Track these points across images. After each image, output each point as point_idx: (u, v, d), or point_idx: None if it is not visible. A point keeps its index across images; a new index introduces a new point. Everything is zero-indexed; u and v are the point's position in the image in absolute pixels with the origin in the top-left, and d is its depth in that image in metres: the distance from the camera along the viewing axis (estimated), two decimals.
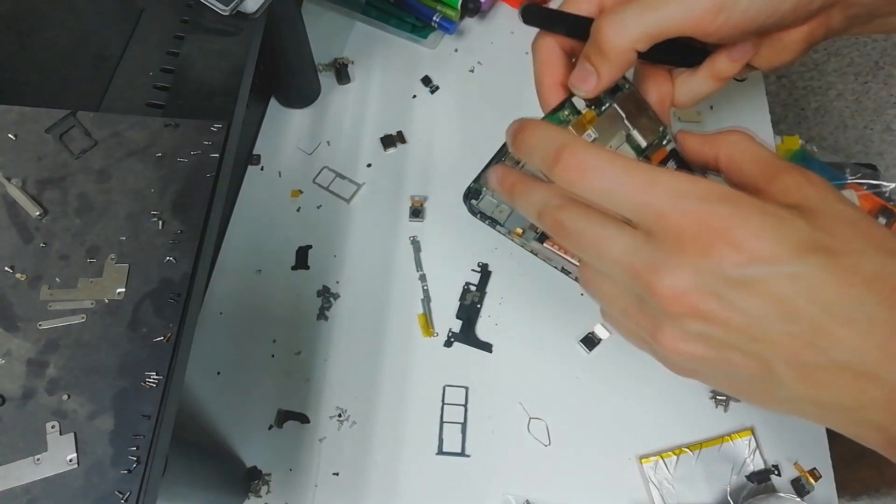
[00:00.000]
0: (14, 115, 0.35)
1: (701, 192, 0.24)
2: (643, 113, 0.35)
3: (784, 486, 0.45)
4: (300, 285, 0.52)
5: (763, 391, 0.27)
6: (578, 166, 0.26)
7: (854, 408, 0.25)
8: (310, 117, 0.59)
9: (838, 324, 0.23)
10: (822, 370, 0.24)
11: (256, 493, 0.45)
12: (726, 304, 0.24)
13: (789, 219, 0.24)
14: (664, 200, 0.24)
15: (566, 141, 0.27)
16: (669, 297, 0.24)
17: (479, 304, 0.51)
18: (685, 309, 0.24)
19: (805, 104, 1.25)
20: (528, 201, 0.30)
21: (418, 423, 0.48)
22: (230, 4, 0.40)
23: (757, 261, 0.23)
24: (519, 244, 0.54)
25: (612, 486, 0.46)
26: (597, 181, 0.26)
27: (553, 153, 0.27)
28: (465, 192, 0.56)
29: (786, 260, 0.23)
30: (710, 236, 0.23)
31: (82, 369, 0.29)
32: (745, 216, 0.23)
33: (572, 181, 0.27)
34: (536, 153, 0.29)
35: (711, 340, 0.25)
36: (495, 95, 0.60)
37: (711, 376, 0.28)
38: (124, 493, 0.27)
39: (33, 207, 0.32)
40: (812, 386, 0.25)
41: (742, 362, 0.25)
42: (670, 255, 0.24)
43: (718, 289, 0.24)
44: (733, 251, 0.23)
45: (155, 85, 0.39)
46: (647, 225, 0.25)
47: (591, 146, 0.27)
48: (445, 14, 0.61)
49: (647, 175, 0.25)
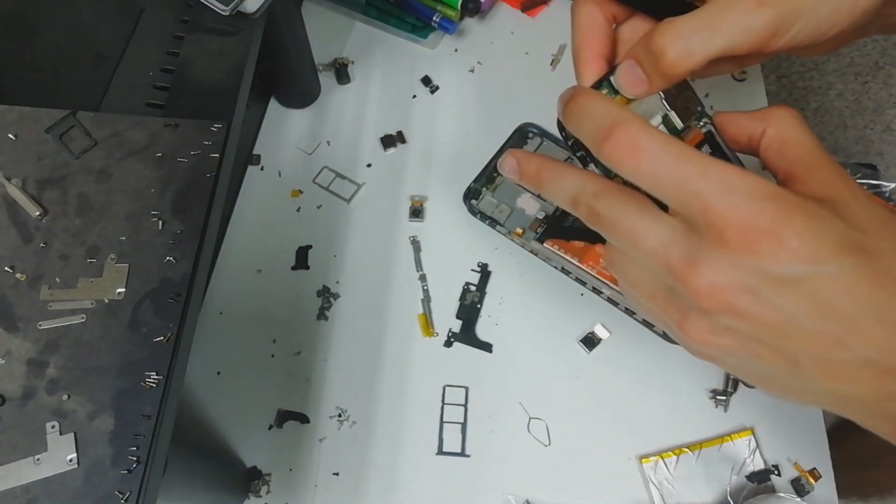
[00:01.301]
0: (14, 115, 0.35)
1: (750, 188, 0.24)
2: (682, 93, 0.33)
3: (784, 486, 0.45)
4: (300, 285, 0.52)
5: (784, 383, 0.27)
6: (630, 146, 0.25)
7: (873, 401, 0.25)
8: (310, 117, 0.59)
9: (869, 323, 0.23)
10: (847, 366, 0.24)
11: (256, 493, 0.45)
12: (762, 301, 0.24)
13: (829, 219, 0.24)
14: (713, 193, 0.24)
15: (621, 117, 0.26)
16: (705, 291, 0.24)
17: (479, 304, 0.51)
18: (719, 305, 0.24)
19: (805, 104, 1.25)
20: (559, 188, 0.29)
21: (418, 423, 0.48)
22: (230, 4, 0.40)
23: (798, 260, 0.23)
24: (519, 244, 0.54)
25: (612, 486, 0.46)
26: (647, 164, 0.25)
27: (606, 128, 0.26)
28: (465, 192, 0.56)
29: (825, 260, 0.23)
30: (755, 233, 0.23)
31: (82, 369, 0.29)
32: (790, 215, 0.23)
33: (622, 161, 0.26)
34: (588, 125, 0.27)
35: (741, 335, 0.25)
36: (495, 95, 0.60)
37: (733, 366, 0.28)
38: (124, 493, 0.27)
39: (33, 207, 0.32)
40: (835, 381, 0.25)
41: (769, 356, 0.25)
42: (710, 248, 0.24)
43: (756, 285, 0.24)
44: (777, 249, 0.23)
45: (155, 85, 0.39)
46: (690, 215, 0.25)
47: (646, 126, 0.26)
48: (445, 14, 0.61)
49: (699, 164, 0.24)
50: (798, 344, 0.24)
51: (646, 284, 0.28)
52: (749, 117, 0.30)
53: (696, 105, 0.34)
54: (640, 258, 0.27)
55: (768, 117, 0.29)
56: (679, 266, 0.25)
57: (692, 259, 0.24)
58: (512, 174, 0.32)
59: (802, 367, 0.25)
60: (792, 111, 0.28)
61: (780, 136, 0.28)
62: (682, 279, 0.25)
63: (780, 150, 0.28)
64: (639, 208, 0.26)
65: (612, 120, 0.26)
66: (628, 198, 0.27)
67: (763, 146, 0.29)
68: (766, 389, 0.29)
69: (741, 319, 0.24)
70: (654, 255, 0.26)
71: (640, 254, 0.27)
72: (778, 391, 0.28)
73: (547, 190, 0.30)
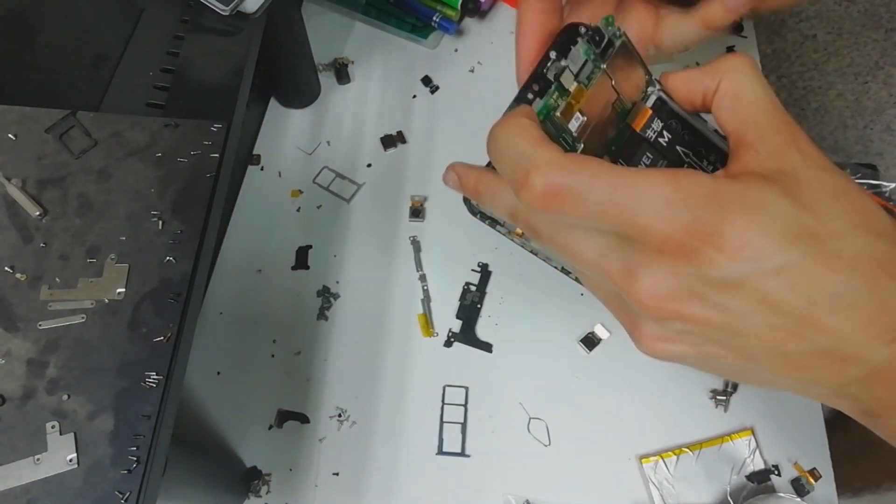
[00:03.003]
0: (14, 115, 0.35)
1: (685, 197, 0.23)
2: (630, 66, 0.31)
3: (784, 486, 0.45)
4: (300, 285, 0.52)
5: (745, 376, 0.27)
6: (548, 193, 0.23)
7: (835, 385, 0.25)
8: (310, 117, 0.59)
9: (822, 313, 0.23)
10: (804, 357, 0.24)
11: (256, 493, 0.45)
12: (709, 304, 0.23)
13: (774, 206, 0.23)
14: (649, 216, 0.23)
15: (534, 160, 0.24)
16: (648, 301, 0.24)
17: (479, 304, 0.51)
18: (665, 312, 0.24)
19: (805, 104, 1.25)
20: (496, 202, 0.28)
21: (418, 423, 0.48)
22: (230, 4, 0.40)
23: (741, 261, 0.22)
24: (519, 244, 0.54)
25: (612, 486, 0.46)
26: (572, 209, 0.24)
27: (520, 173, 0.24)
28: None
29: (770, 255, 0.22)
30: (695, 242, 0.23)
31: (82, 369, 0.29)
32: (729, 216, 0.23)
33: (542, 209, 0.24)
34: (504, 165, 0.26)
35: (693, 337, 0.25)
36: (495, 95, 0.60)
37: (692, 364, 0.27)
38: (124, 493, 0.27)
39: (33, 207, 0.32)
40: (794, 370, 0.25)
41: (725, 355, 0.25)
42: (648, 259, 0.23)
43: (700, 291, 0.23)
44: (718, 253, 0.22)
45: (155, 85, 0.39)
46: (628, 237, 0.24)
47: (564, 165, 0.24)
48: (445, 14, 0.61)
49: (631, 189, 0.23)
50: (752, 341, 0.24)
51: (601, 290, 0.28)
52: (701, 72, 0.28)
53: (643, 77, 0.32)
54: (585, 270, 0.26)
55: (721, 69, 0.27)
56: (619, 277, 0.24)
57: (631, 270, 0.24)
58: (455, 187, 0.31)
59: (760, 361, 0.25)
60: (747, 59, 0.27)
61: (734, 90, 0.27)
62: (623, 289, 0.24)
63: (733, 109, 0.26)
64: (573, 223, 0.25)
65: (525, 163, 0.24)
66: None
67: (715, 103, 0.27)
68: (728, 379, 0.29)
69: (690, 324, 0.24)
70: (595, 266, 0.25)
71: (582, 266, 0.26)
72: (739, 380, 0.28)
73: (486, 203, 0.29)
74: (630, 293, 0.24)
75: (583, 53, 0.30)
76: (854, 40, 1.38)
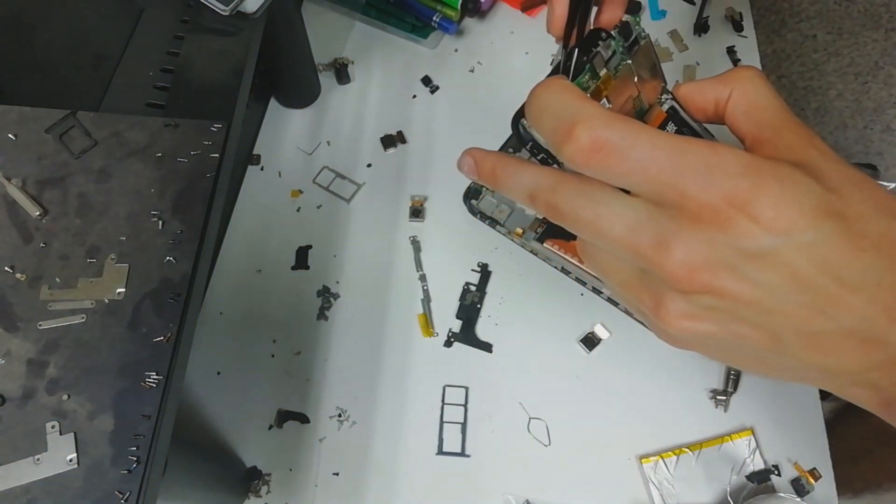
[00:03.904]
0: (14, 115, 0.35)
1: (724, 165, 0.23)
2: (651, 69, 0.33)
3: (784, 486, 0.45)
4: (300, 285, 0.52)
5: (766, 361, 0.26)
6: (594, 147, 0.23)
7: (856, 371, 0.24)
8: (310, 117, 0.59)
9: (849, 291, 0.23)
10: (830, 337, 0.24)
11: (256, 493, 0.45)
12: (741, 277, 0.23)
13: (804, 182, 0.23)
14: (690, 179, 0.23)
15: (582, 112, 0.24)
16: (681, 272, 0.23)
17: (479, 304, 0.51)
18: (697, 285, 0.23)
19: (805, 104, 1.24)
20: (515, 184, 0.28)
21: (418, 423, 0.47)
22: (230, 4, 0.40)
23: (774, 232, 0.22)
24: (519, 244, 0.54)
25: (612, 486, 0.46)
26: (616, 165, 0.23)
27: (565, 126, 0.24)
28: (465, 192, 0.56)
29: (802, 228, 0.22)
30: (730, 210, 0.22)
31: (82, 369, 0.29)
32: (763, 186, 0.22)
33: (587, 164, 0.24)
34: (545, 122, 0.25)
35: (721, 315, 0.24)
36: (495, 95, 0.60)
37: (713, 349, 0.27)
38: (124, 493, 0.27)
39: (33, 207, 0.32)
40: (818, 353, 0.24)
41: (750, 334, 0.25)
42: (683, 228, 0.23)
43: (734, 262, 0.23)
44: (752, 223, 0.22)
45: (155, 85, 0.39)
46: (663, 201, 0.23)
47: (611, 119, 0.24)
48: (445, 14, 0.61)
49: (673, 152, 0.23)
50: (780, 318, 0.24)
51: (618, 272, 0.27)
52: (713, 83, 0.28)
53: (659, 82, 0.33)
54: (608, 246, 0.26)
55: (732, 80, 0.28)
56: (650, 249, 0.24)
57: (663, 241, 0.23)
58: (470, 173, 0.31)
59: (785, 342, 0.24)
60: (756, 71, 0.27)
61: (746, 98, 0.27)
62: (655, 262, 0.24)
63: (748, 113, 0.27)
64: (599, 195, 0.25)
65: (570, 116, 0.24)
66: (586, 186, 0.25)
67: (729, 111, 0.28)
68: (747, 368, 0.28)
69: (721, 298, 0.23)
70: (622, 241, 0.24)
71: (607, 242, 0.25)
72: (760, 369, 0.27)
73: (503, 187, 0.29)
74: (662, 264, 0.24)
75: (613, 43, 0.31)
76: (854, 40, 1.38)
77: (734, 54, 0.63)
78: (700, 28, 0.64)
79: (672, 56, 0.63)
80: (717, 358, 0.28)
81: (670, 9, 0.66)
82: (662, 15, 0.66)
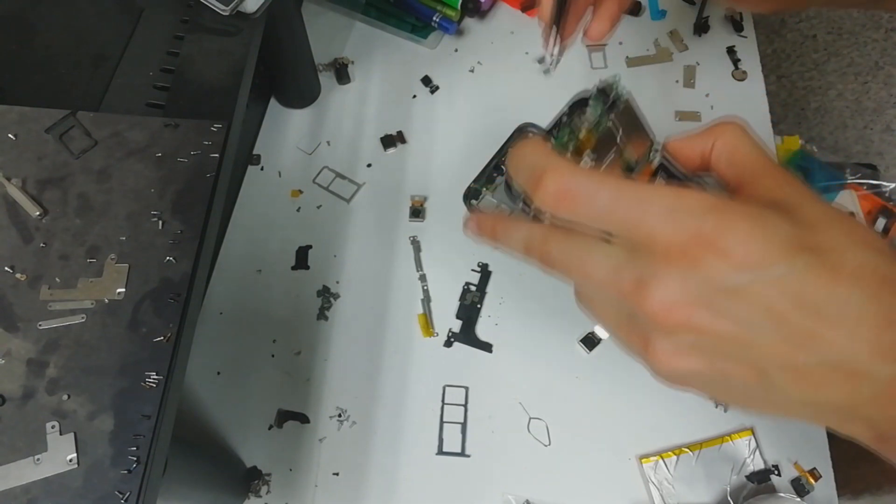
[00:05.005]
0: (14, 115, 0.35)
1: (689, 206, 0.24)
2: (635, 128, 0.35)
3: (784, 486, 0.45)
4: (300, 285, 0.52)
5: (758, 397, 0.27)
6: (560, 192, 0.26)
7: (847, 406, 0.25)
8: (310, 117, 0.59)
9: (827, 325, 0.23)
10: (815, 371, 0.24)
11: (256, 493, 0.45)
12: (717, 313, 0.24)
13: (774, 219, 0.24)
14: (655, 219, 0.24)
15: (549, 164, 0.27)
16: (660, 310, 0.24)
17: (479, 304, 0.51)
18: (676, 321, 0.24)
19: (805, 104, 1.24)
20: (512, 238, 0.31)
21: (418, 423, 0.47)
22: (230, 4, 0.40)
23: (745, 267, 0.23)
24: None
25: (612, 486, 0.46)
26: (582, 208, 0.26)
27: (535, 177, 0.27)
28: (465, 192, 0.56)
29: (773, 262, 0.23)
30: (699, 248, 0.23)
31: (82, 369, 0.29)
32: (732, 223, 0.23)
33: (556, 208, 0.26)
34: (521, 174, 0.28)
35: (705, 351, 0.25)
36: (495, 95, 0.60)
37: (706, 386, 0.28)
38: (124, 493, 0.27)
39: (33, 207, 0.32)
40: (806, 387, 0.25)
41: (737, 371, 0.25)
42: (658, 268, 0.24)
43: (709, 298, 0.24)
44: (721, 260, 0.23)
45: (155, 85, 0.39)
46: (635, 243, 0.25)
47: (575, 170, 0.26)
48: (445, 14, 0.61)
49: (636, 194, 0.25)
50: (762, 353, 0.24)
51: (610, 316, 0.29)
52: (698, 137, 0.31)
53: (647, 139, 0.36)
54: (596, 291, 0.28)
55: (715, 132, 0.30)
56: (631, 291, 0.25)
57: (641, 281, 0.24)
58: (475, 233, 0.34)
59: (771, 377, 0.25)
60: (737, 123, 0.29)
61: (728, 148, 0.29)
62: (636, 303, 0.25)
63: (730, 162, 0.29)
64: (582, 242, 0.27)
65: (540, 167, 0.27)
66: (572, 235, 0.27)
67: (713, 161, 0.30)
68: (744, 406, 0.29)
69: (702, 335, 0.24)
70: (607, 284, 0.26)
71: (594, 286, 0.27)
72: (755, 406, 0.28)
73: (502, 242, 0.32)
74: (642, 304, 0.25)
75: (592, 101, 0.34)
76: (854, 40, 1.38)
77: (734, 54, 0.63)
78: (700, 28, 0.64)
79: (672, 56, 0.63)
80: (714, 396, 0.29)
81: (670, 9, 0.66)
82: (662, 15, 0.66)
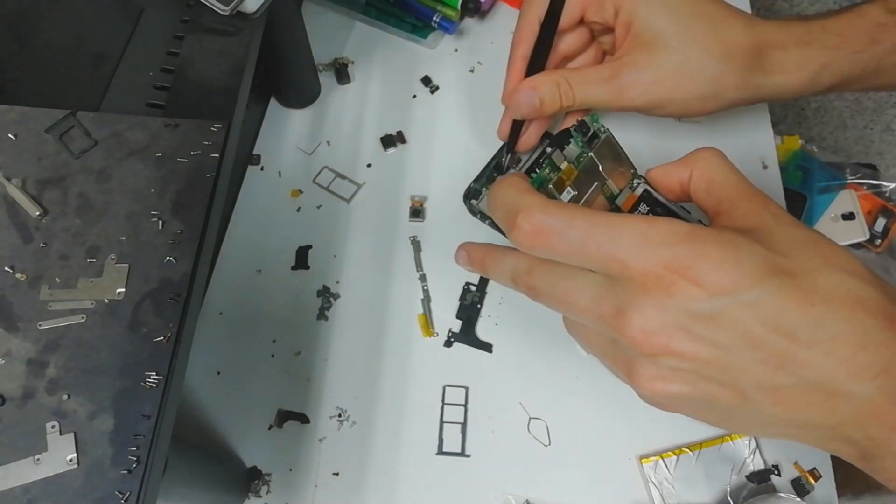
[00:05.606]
0: (14, 115, 0.35)
1: (661, 235, 0.24)
2: (616, 159, 0.36)
3: (784, 486, 0.45)
4: (300, 285, 0.52)
5: (743, 419, 0.27)
6: (533, 231, 0.27)
7: (828, 426, 0.25)
8: (310, 117, 0.59)
9: (802, 346, 0.23)
10: (794, 391, 0.24)
11: (256, 493, 0.45)
12: (695, 337, 0.24)
13: (747, 245, 0.24)
14: (627, 251, 0.25)
15: (521, 203, 0.27)
16: (639, 337, 0.25)
17: (479, 304, 0.51)
18: (656, 347, 0.25)
19: (805, 104, 1.24)
20: (500, 269, 0.31)
21: (418, 423, 0.47)
22: (230, 4, 0.40)
23: (718, 292, 0.23)
24: None
25: (612, 486, 0.46)
26: (556, 244, 0.26)
27: (511, 217, 0.27)
28: (465, 192, 0.56)
29: (746, 287, 0.23)
30: (673, 276, 0.24)
31: (82, 369, 0.29)
32: (704, 252, 0.24)
33: (532, 246, 0.27)
34: (498, 214, 0.29)
35: (686, 376, 0.25)
36: (495, 95, 0.60)
37: (692, 409, 0.28)
38: (124, 493, 0.27)
39: (33, 207, 0.32)
40: (788, 408, 0.25)
41: (719, 393, 0.25)
42: (635, 297, 0.25)
43: (686, 324, 0.24)
44: (695, 287, 0.23)
45: (155, 85, 0.39)
46: (611, 274, 0.26)
47: (548, 207, 0.27)
48: (445, 14, 0.61)
49: (608, 227, 0.25)
50: (741, 375, 0.25)
51: (597, 343, 0.29)
52: (676, 165, 0.31)
53: (629, 169, 0.37)
54: (580, 318, 0.28)
55: (692, 162, 0.31)
56: (612, 319, 0.26)
57: (621, 309, 0.25)
58: (465, 263, 0.36)
59: (753, 399, 0.25)
60: (714, 151, 0.30)
61: (705, 177, 0.30)
62: (618, 330, 0.25)
63: (707, 190, 0.30)
64: (567, 272, 0.27)
65: (513, 209, 0.27)
66: (556, 267, 0.28)
67: (692, 189, 0.31)
68: (732, 428, 0.30)
69: (682, 359, 0.25)
70: (590, 313, 0.27)
71: (578, 315, 0.28)
72: (742, 428, 0.29)
73: (490, 272, 0.33)
74: (623, 332, 0.25)
75: (571, 137, 0.35)
76: None
77: None
78: None
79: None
80: (701, 418, 0.30)
81: None
82: None
